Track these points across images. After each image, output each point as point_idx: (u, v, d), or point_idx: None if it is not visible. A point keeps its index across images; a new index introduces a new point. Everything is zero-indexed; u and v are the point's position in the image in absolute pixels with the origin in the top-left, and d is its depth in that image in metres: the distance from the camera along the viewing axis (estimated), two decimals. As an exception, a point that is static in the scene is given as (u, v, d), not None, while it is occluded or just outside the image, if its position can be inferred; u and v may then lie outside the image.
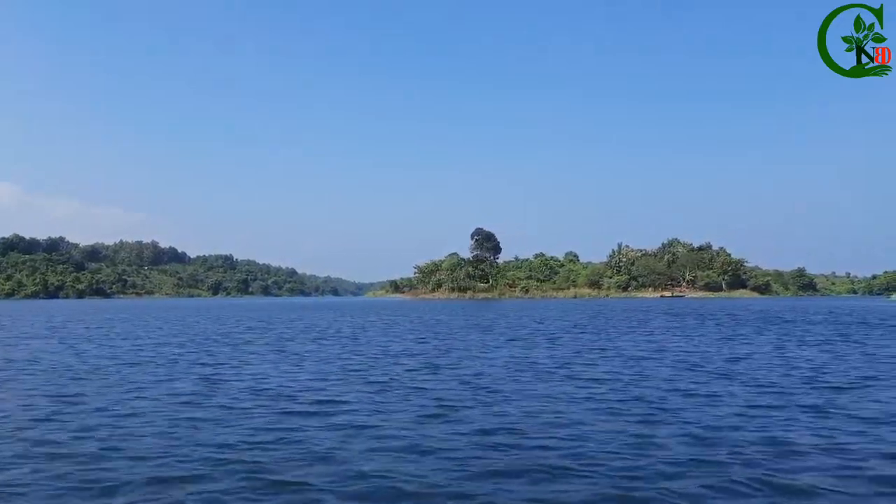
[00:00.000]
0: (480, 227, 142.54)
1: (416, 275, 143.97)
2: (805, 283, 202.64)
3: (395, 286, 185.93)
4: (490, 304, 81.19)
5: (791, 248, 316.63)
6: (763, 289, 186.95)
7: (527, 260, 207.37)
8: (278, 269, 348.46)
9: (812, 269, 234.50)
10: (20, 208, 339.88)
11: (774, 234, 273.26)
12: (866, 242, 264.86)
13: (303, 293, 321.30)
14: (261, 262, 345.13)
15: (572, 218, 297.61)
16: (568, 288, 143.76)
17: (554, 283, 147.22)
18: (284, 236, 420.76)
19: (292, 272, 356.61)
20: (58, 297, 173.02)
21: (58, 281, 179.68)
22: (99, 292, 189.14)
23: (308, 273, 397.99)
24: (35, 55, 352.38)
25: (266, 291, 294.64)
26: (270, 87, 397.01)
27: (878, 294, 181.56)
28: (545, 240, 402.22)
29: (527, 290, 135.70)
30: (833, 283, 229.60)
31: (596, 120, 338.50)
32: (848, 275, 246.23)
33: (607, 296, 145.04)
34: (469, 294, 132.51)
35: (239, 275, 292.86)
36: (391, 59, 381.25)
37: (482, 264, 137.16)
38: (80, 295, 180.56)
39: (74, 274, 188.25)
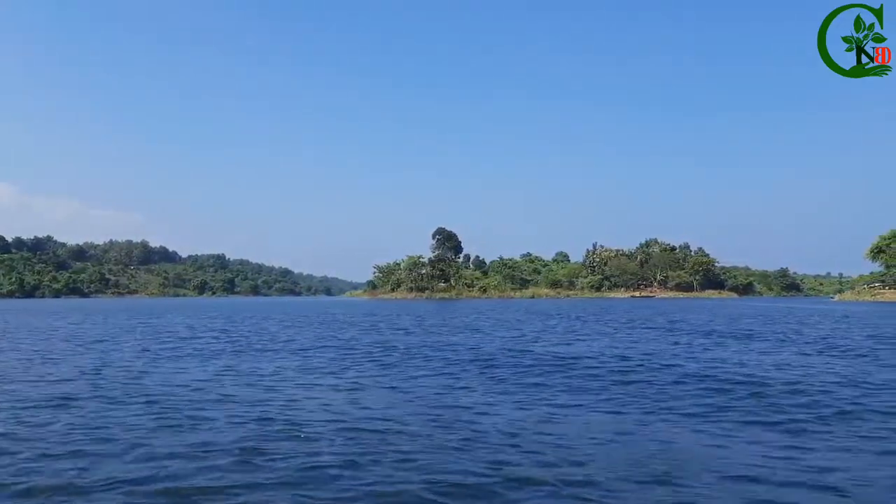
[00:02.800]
0: (442, 226, 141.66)
1: (376, 275, 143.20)
2: (788, 284, 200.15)
3: (373, 286, 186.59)
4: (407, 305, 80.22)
5: (789, 250, 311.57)
6: (742, 289, 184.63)
7: (510, 259, 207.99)
8: (271, 269, 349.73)
9: (808, 271, 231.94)
10: (19, 209, 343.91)
11: (772, 236, 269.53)
12: (862, 244, 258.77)
13: (293, 292, 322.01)
14: (256, 261, 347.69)
15: (572, 220, 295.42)
16: (527, 288, 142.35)
17: (513, 283, 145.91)
18: (285, 238, 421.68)
19: (285, 271, 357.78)
20: (34, 297, 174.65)
21: (35, 280, 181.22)
22: (76, 291, 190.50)
23: (305, 273, 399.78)
24: (34, 55, 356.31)
25: (255, 291, 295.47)
26: (273, 89, 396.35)
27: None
28: (545, 240, 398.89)
29: (484, 290, 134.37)
30: (821, 284, 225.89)
31: (598, 123, 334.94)
32: (840, 275, 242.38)
33: (568, 296, 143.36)
34: (427, 294, 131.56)
35: (228, 274, 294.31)
36: (399, 62, 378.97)
37: (441, 263, 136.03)
38: (57, 294, 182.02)
39: (52, 273, 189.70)
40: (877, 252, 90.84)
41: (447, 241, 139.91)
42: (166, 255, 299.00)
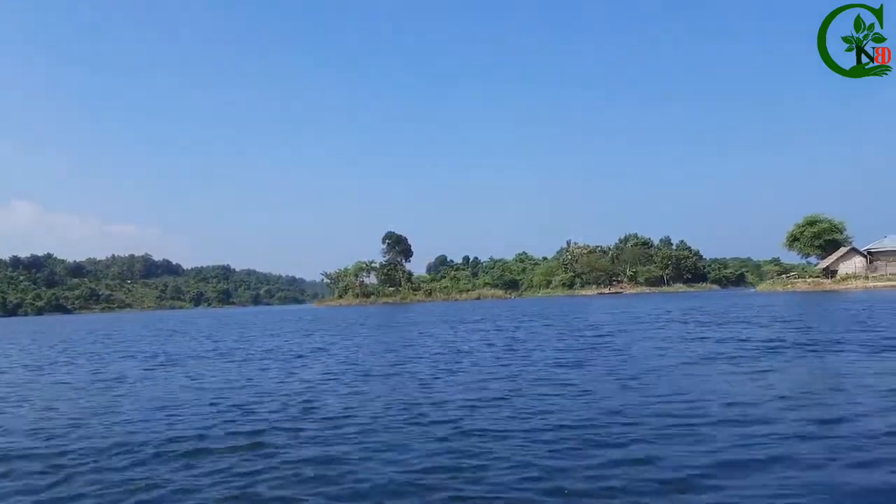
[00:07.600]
0: (392, 230, 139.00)
1: (325, 281, 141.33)
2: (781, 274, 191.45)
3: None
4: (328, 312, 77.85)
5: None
6: (730, 281, 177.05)
7: (501, 260, 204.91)
8: (278, 278, 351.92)
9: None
10: (38, 227, 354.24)
11: (777, 229, 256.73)
12: (865, 234, 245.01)
13: (296, 301, 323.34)
14: (264, 271, 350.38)
15: (575, 218, 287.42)
16: (473, 290, 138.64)
17: (459, 286, 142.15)
18: (299, 248, 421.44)
19: (292, 280, 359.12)
20: (16, 316, 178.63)
21: (17, 299, 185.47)
22: (60, 308, 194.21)
23: (318, 280, 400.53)
24: (46, 73, 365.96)
25: (256, 300, 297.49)
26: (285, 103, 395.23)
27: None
28: (552, 239, 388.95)
29: (429, 294, 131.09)
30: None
31: (601, 117, 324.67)
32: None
33: (520, 296, 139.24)
34: (372, 299, 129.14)
35: (226, 285, 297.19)
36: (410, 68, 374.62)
37: (388, 268, 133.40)
38: (39, 312, 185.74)
39: (35, 291, 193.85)
40: (792, 240, 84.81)
41: (396, 244, 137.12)
42: (170, 268, 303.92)
